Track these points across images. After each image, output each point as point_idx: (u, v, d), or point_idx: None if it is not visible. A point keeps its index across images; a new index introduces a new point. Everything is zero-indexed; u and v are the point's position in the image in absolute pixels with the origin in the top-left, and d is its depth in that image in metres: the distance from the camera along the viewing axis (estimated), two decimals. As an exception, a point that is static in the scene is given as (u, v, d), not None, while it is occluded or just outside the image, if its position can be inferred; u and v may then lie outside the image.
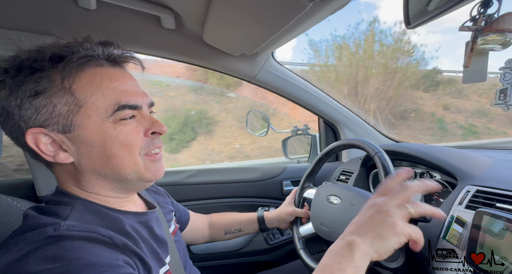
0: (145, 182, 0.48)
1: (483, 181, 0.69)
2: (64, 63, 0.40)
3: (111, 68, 0.45)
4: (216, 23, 0.73)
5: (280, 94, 1.16)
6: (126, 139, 0.43)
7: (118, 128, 0.42)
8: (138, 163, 0.45)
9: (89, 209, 0.43)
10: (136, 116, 0.45)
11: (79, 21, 0.74)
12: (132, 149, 0.44)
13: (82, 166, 0.43)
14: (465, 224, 0.63)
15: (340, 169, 1.16)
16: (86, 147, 0.42)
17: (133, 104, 0.44)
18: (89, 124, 0.41)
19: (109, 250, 0.38)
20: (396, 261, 0.74)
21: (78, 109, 0.41)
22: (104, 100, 0.41)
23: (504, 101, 0.51)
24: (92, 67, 0.42)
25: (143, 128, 0.46)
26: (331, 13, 0.72)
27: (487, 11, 0.47)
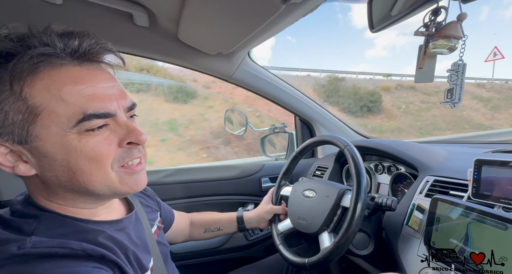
0: (122, 195, 0.44)
1: (440, 171, 0.76)
2: (13, 63, 0.33)
3: (76, 67, 0.37)
4: (191, 21, 0.73)
5: (257, 93, 1.18)
6: (94, 152, 0.37)
7: (84, 140, 0.36)
8: (110, 178, 0.40)
9: (57, 222, 0.39)
10: (110, 124, 0.39)
11: (43, 16, 0.70)
12: (101, 163, 0.38)
13: (47, 179, 0.38)
14: (424, 211, 0.70)
15: (316, 165, 1.21)
16: (47, 160, 0.36)
17: (103, 112, 0.37)
18: (49, 135, 0.35)
19: (84, 262, 0.35)
20: (366, 249, 0.80)
21: (34, 118, 0.34)
22: (65, 107, 0.35)
23: (451, 100, 0.57)
24: (49, 67, 0.35)
25: (117, 138, 0.40)
26: (303, 15, 0.75)
27: (436, 19, 0.52)
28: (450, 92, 0.55)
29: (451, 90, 0.54)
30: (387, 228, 0.78)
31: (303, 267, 0.71)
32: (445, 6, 0.54)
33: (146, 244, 0.52)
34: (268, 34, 0.82)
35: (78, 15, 0.74)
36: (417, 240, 0.69)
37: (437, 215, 0.61)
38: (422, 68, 0.63)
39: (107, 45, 0.40)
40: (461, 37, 0.55)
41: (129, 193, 0.43)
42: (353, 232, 0.64)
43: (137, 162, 0.44)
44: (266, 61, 54.91)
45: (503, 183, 0.59)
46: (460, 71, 0.57)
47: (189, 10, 0.67)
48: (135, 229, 0.51)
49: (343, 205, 0.72)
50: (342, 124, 1.33)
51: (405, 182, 0.94)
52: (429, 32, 0.57)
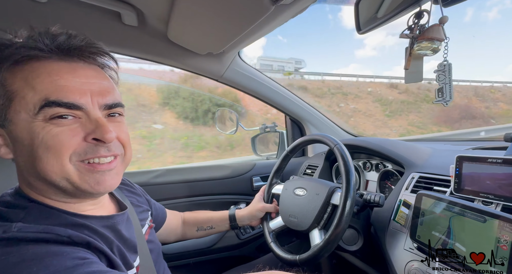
0: (86, 193, 0.42)
1: (425, 168, 0.79)
2: (3, 54, 0.37)
3: (58, 61, 0.39)
4: (181, 21, 0.72)
5: (248, 92, 1.19)
6: (53, 140, 0.37)
7: (48, 128, 0.37)
8: (67, 170, 0.39)
9: (44, 213, 0.40)
10: (81, 118, 0.40)
11: (28, 14, 0.68)
12: (58, 153, 0.38)
13: (19, 165, 0.40)
14: (410, 206, 0.72)
15: (306, 163, 1.23)
16: (18, 145, 0.39)
17: (67, 101, 0.38)
18: (19, 121, 0.38)
19: (69, 249, 0.36)
20: (355, 244, 0.82)
21: (9, 103, 0.38)
22: (33, 94, 0.37)
23: (442, 98, 0.59)
24: (33, 60, 0.38)
25: (84, 132, 0.40)
26: (293, 16, 0.76)
27: (420, 22, 0.55)
28: (440, 91, 0.57)
29: (441, 89, 0.57)
30: (375, 223, 0.81)
31: (294, 264, 0.72)
32: (427, 9, 0.56)
33: (134, 244, 0.52)
34: (258, 34, 0.82)
35: (64, 14, 0.72)
36: (403, 235, 0.71)
37: (422, 210, 0.63)
38: (408, 69, 0.65)
39: (96, 45, 0.42)
40: (444, 39, 0.57)
41: (92, 193, 0.42)
42: (342, 229, 0.66)
43: (105, 161, 0.42)
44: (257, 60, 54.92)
45: (483, 178, 0.62)
46: (446, 71, 0.59)
47: (178, 10, 0.67)
48: (126, 228, 0.51)
49: (333, 202, 0.74)
50: (332, 123, 1.36)
51: (392, 179, 0.97)
52: (413, 35, 0.59)
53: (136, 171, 1.09)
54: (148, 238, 0.59)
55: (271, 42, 56.06)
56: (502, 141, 0.72)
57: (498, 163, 0.60)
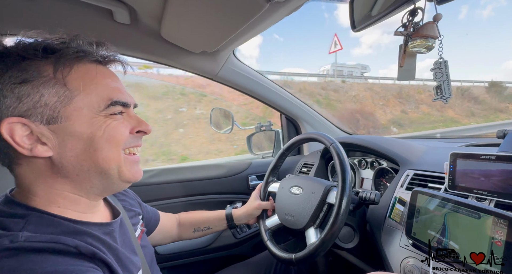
0: (124, 182, 0.47)
1: (419, 165, 0.80)
2: (59, 54, 0.40)
3: (102, 66, 0.46)
4: (174, 19, 0.71)
5: (243, 91, 1.18)
6: (115, 132, 0.44)
7: (108, 122, 0.43)
8: (121, 160, 0.45)
9: (46, 221, 0.39)
10: (124, 114, 0.47)
11: (18, 12, 0.66)
12: (118, 143, 0.44)
13: (63, 160, 0.41)
14: (405, 203, 0.73)
15: (302, 162, 1.23)
16: (72, 140, 0.41)
17: (124, 101, 0.45)
18: (79, 117, 0.41)
19: (76, 260, 0.36)
20: (351, 242, 0.82)
21: (68, 101, 0.40)
22: (97, 94, 0.42)
23: (441, 96, 0.60)
24: (87, 62, 0.43)
25: (130, 125, 0.47)
26: (287, 14, 0.75)
27: (414, 19, 0.55)
28: (438, 89, 0.57)
29: (439, 87, 0.57)
30: (371, 221, 0.81)
31: (290, 262, 0.72)
32: (421, 7, 0.56)
33: (132, 248, 0.52)
34: (253, 32, 0.82)
35: (55, 12, 0.70)
36: (399, 232, 0.72)
37: (417, 207, 0.64)
38: (402, 67, 0.65)
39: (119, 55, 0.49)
40: (438, 36, 0.58)
41: (129, 181, 0.48)
42: (338, 228, 0.66)
43: (136, 152, 0.50)
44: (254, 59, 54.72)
45: (476, 174, 0.63)
46: (443, 68, 0.59)
47: (171, 7, 0.66)
48: (121, 233, 0.51)
49: (329, 201, 0.74)
50: (327, 122, 1.36)
51: (387, 176, 0.97)
52: (407, 32, 0.59)
53: None
54: (141, 243, 0.59)
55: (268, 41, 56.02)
56: (495, 138, 0.73)
57: (492, 160, 0.60)
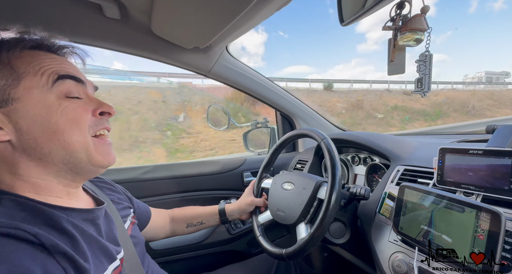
0: (96, 167, 0.46)
1: (409, 161, 0.80)
2: (5, 40, 0.41)
3: (53, 53, 0.46)
4: (163, 14, 0.71)
5: (237, 88, 1.18)
6: (74, 113, 0.43)
7: (64, 104, 0.42)
8: (87, 142, 0.44)
9: (20, 205, 0.38)
10: (83, 98, 0.46)
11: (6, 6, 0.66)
12: (80, 125, 0.43)
13: (22, 144, 0.40)
14: (395, 199, 0.73)
15: (297, 158, 1.23)
16: (26, 122, 0.40)
17: (74, 75, 0.44)
18: (30, 97, 0.40)
19: (32, 250, 0.34)
20: (343, 237, 0.83)
21: (17, 83, 0.40)
22: (44, 72, 0.41)
23: (421, 89, 0.60)
24: (35, 49, 0.43)
25: (91, 108, 0.46)
26: (277, 8, 0.75)
27: (402, 12, 0.54)
28: (419, 82, 0.57)
29: (420, 80, 0.57)
30: (361, 216, 0.81)
31: (280, 257, 0.73)
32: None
33: (115, 238, 0.51)
34: (245, 27, 0.81)
35: (42, 6, 0.70)
36: (388, 227, 0.72)
37: (405, 202, 0.64)
38: (393, 61, 0.65)
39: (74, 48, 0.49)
40: (426, 29, 0.57)
41: (102, 165, 0.47)
42: (327, 223, 0.66)
43: (106, 133, 0.49)
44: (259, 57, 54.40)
45: (464, 169, 0.63)
46: (427, 61, 0.59)
47: (160, 2, 0.65)
48: (105, 223, 0.51)
49: (319, 197, 0.74)
50: (321, 118, 1.36)
51: (380, 172, 0.98)
52: (396, 26, 0.59)
53: (124, 167, 1.08)
54: (131, 233, 0.59)
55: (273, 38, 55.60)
56: (485, 133, 0.73)
57: (479, 155, 0.61)
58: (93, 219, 0.47)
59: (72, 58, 0.50)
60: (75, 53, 0.49)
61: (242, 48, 16.54)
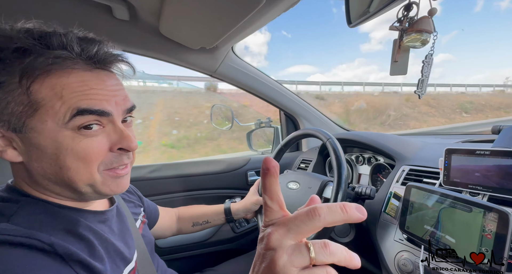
0: (103, 196, 0.44)
1: (415, 161, 0.81)
2: (29, 60, 0.35)
3: (87, 72, 0.39)
4: (172, 15, 0.72)
5: (242, 87, 1.19)
6: (84, 152, 0.38)
7: (78, 139, 0.38)
8: (94, 179, 0.40)
9: (39, 208, 0.39)
10: (106, 126, 0.41)
11: (17, 7, 0.67)
12: (89, 164, 0.39)
13: (32, 168, 0.39)
14: (400, 198, 0.74)
15: (301, 158, 1.24)
16: (37, 152, 0.38)
17: (97, 108, 0.38)
18: (44, 130, 0.37)
19: (47, 260, 0.34)
20: (347, 236, 0.84)
21: (33, 112, 0.36)
22: (62, 103, 0.36)
23: (420, 90, 0.60)
24: (61, 69, 0.37)
25: (109, 142, 0.41)
26: (284, 10, 0.76)
27: (409, 14, 0.55)
28: (421, 83, 0.58)
29: (422, 81, 0.58)
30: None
31: None
32: (416, 1, 0.56)
33: (130, 237, 0.52)
34: (251, 28, 0.82)
35: (52, 7, 0.71)
36: (394, 226, 0.73)
37: (411, 202, 0.64)
38: (397, 62, 0.66)
39: (122, 55, 0.43)
40: (432, 31, 0.58)
41: (110, 195, 0.44)
42: None
43: (123, 167, 0.44)
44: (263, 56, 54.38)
45: (471, 170, 0.63)
46: (430, 64, 0.60)
47: (169, 3, 0.66)
48: (118, 222, 0.52)
49: (325, 196, 0.75)
50: (325, 118, 1.36)
51: (384, 172, 0.98)
52: (402, 27, 0.59)
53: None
54: (142, 232, 0.60)
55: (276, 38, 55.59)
56: (490, 134, 0.74)
57: (486, 155, 0.61)
58: (106, 220, 0.48)
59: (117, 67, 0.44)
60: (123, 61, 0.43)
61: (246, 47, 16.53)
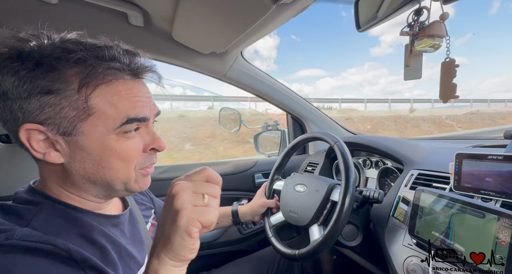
0: (130, 192, 0.47)
1: (423, 165, 0.80)
2: (88, 71, 0.39)
3: (131, 81, 0.43)
4: (185, 21, 0.74)
5: (250, 91, 1.21)
6: (126, 153, 0.42)
7: (120, 141, 0.42)
8: (130, 177, 0.44)
9: (58, 212, 0.41)
10: (141, 129, 0.45)
11: (39, 15, 0.71)
12: (129, 164, 0.43)
13: (72, 169, 0.42)
14: (409, 203, 0.73)
15: (307, 161, 1.24)
16: (82, 153, 0.41)
17: (142, 116, 0.43)
18: (93, 133, 0.40)
19: (63, 266, 0.35)
20: (355, 240, 0.83)
21: (86, 117, 0.39)
22: (114, 111, 0.40)
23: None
24: (115, 79, 0.41)
25: (143, 143, 0.45)
26: (294, 15, 0.77)
27: (419, 19, 0.55)
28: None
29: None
30: (374, 220, 0.82)
31: (293, 258, 0.74)
32: (427, 6, 0.57)
33: (141, 240, 0.53)
34: (260, 34, 0.84)
35: (74, 15, 0.75)
36: (402, 231, 0.72)
37: (421, 206, 0.64)
38: (409, 66, 0.66)
39: (155, 66, 0.47)
40: (444, 35, 0.58)
41: (136, 192, 0.48)
42: (341, 225, 0.67)
43: (150, 166, 0.48)
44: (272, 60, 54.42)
45: (482, 175, 0.63)
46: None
47: (183, 10, 0.69)
48: (130, 225, 0.53)
49: (333, 199, 0.75)
50: (332, 121, 1.37)
51: (392, 176, 0.98)
52: (413, 32, 0.60)
53: None
54: (152, 235, 0.61)
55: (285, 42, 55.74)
56: (501, 139, 0.73)
57: (499, 160, 0.60)
58: (119, 224, 0.49)
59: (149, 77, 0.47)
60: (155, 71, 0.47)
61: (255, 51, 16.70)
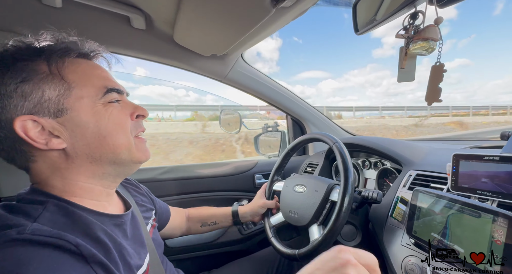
0: (136, 163, 0.50)
1: (422, 166, 0.81)
2: (48, 53, 0.42)
3: (90, 60, 0.49)
4: (186, 24, 0.76)
5: (251, 93, 1.22)
6: (119, 118, 0.46)
7: (109, 110, 0.45)
8: (131, 143, 0.48)
9: (62, 210, 0.41)
10: (121, 101, 0.49)
11: (44, 19, 0.72)
12: (125, 128, 0.47)
13: (76, 150, 0.43)
14: (407, 203, 0.74)
15: (307, 162, 1.25)
16: (80, 129, 0.43)
17: (118, 88, 0.48)
18: (81, 106, 0.43)
19: (72, 260, 0.36)
20: (354, 240, 0.84)
21: (69, 93, 0.42)
22: (92, 84, 0.45)
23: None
24: (74, 56, 0.45)
25: (128, 112, 0.49)
26: (293, 18, 0.79)
27: (415, 22, 0.57)
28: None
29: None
30: (373, 220, 0.82)
31: (293, 258, 0.75)
32: (422, 10, 0.58)
33: (142, 241, 0.54)
34: (260, 36, 0.85)
35: (77, 18, 0.76)
36: (400, 231, 0.73)
37: (418, 206, 0.65)
38: (404, 68, 0.67)
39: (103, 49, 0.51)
40: (438, 39, 0.59)
41: (141, 161, 0.51)
42: (340, 224, 0.68)
43: (141, 133, 0.53)
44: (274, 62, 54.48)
45: (479, 176, 0.63)
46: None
47: (184, 13, 0.70)
48: (132, 226, 0.53)
49: (332, 199, 0.76)
50: (331, 123, 1.38)
51: (390, 176, 0.98)
52: (408, 35, 0.61)
53: (143, 168, 1.13)
54: (152, 236, 0.61)
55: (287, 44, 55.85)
56: (498, 140, 0.74)
57: (495, 161, 0.61)
58: (121, 224, 0.50)
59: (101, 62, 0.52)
60: (102, 56, 0.52)
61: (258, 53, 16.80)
